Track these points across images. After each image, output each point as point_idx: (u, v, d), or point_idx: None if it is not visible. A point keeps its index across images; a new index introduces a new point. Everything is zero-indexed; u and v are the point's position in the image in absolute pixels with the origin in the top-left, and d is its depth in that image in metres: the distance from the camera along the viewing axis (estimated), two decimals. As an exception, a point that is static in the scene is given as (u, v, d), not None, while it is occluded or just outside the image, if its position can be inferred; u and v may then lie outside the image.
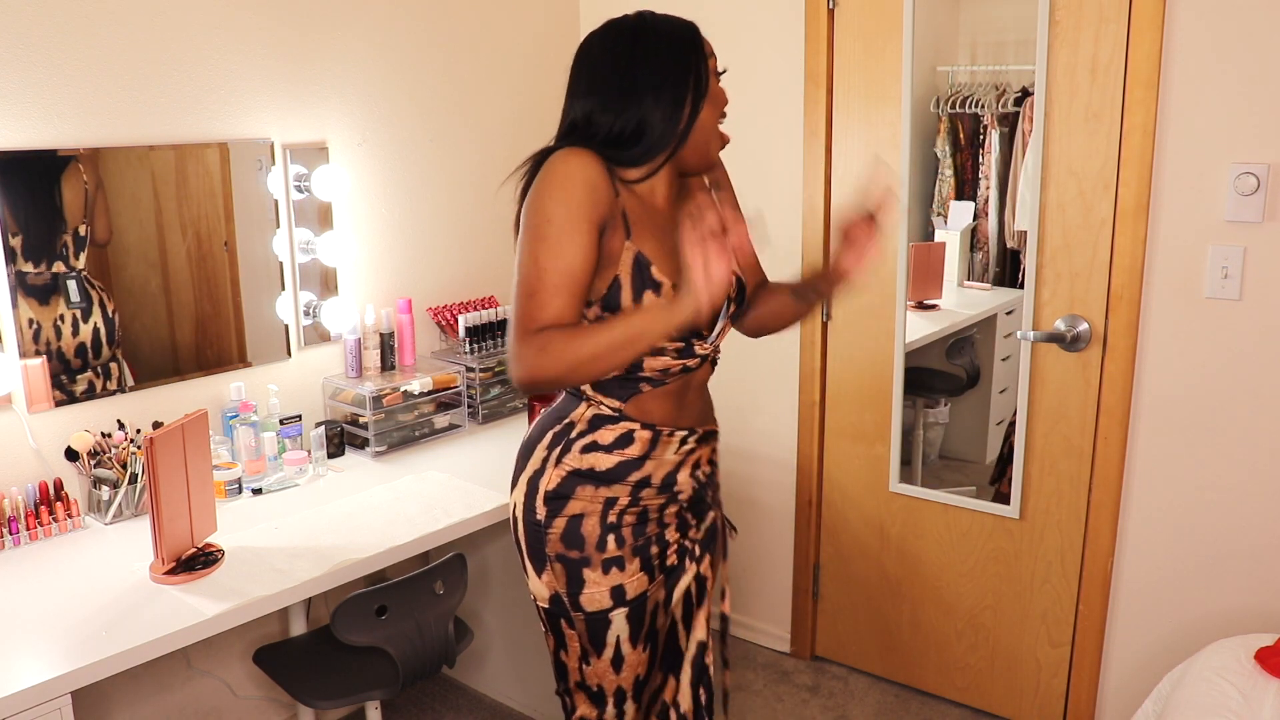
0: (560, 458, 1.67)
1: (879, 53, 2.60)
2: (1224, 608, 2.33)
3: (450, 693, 2.90)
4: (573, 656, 1.75)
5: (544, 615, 1.76)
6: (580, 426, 1.66)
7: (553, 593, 1.71)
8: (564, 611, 1.71)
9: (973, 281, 2.98)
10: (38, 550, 1.99)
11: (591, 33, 1.66)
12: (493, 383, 2.82)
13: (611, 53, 1.60)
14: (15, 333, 2.05)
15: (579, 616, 1.70)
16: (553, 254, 1.50)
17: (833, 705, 2.84)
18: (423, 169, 2.79)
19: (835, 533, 2.95)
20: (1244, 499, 2.27)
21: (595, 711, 1.77)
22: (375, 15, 2.61)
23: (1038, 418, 2.52)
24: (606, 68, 1.60)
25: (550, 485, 1.67)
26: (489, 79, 2.92)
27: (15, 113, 2.00)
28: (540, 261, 1.50)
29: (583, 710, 1.78)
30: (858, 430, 2.83)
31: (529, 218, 1.53)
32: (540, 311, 1.49)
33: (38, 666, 1.58)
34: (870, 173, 1.53)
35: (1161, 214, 2.26)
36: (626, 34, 1.61)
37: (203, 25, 2.27)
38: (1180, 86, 2.19)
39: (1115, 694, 2.53)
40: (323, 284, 2.58)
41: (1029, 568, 2.61)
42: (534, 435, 1.73)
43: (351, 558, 1.97)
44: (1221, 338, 2.24)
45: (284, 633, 2.48)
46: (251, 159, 2.39)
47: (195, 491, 1.90)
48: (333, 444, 2.51)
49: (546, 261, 1.50)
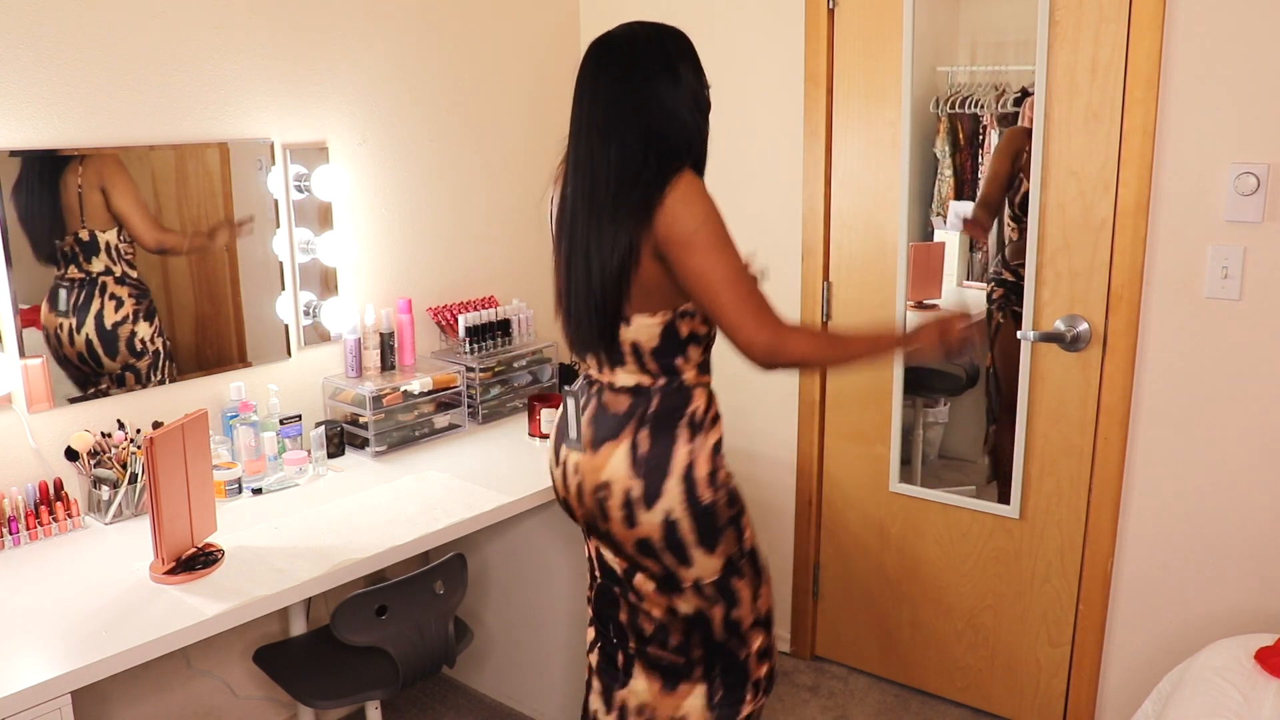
0: (703, 441, 1.81)
1: (879, 53, 2.60)
2: (1224, 608, 2.33)
3: (450, 693, 2.90)
4: (744, 604, 1.90)
5: (714, 588, 1.86)
6: (702, 406, 1.83)
7: (726, 559, 1.85)
8: (735, 568, 1.86)
9: (972, 281, 2.98)
10: (38, 550, 1.99)
11: (613, 48, 1.73)
12: (493, 383, 2.82)
13: (654, 67, 1.71)
14: (15, 333, 2.05)
15: (745, 561, 1.88)
16: (737, 254, 1.68)
17: (833, 705, 2.84)
18: (423, 169, 2.79)
19: (835, 533, 2.95)
20: (1244, 499, 2.27)
21: (766, 638, 1.97)
22: (375, 15, 2.61)
23: (1038, 418, 2.52)
24: (656, 81, 1.70)
25: (706, 469, 1.80)
26: (489, 79, 2.92)
27: (15, 112, 2.00)
28: (739, 259, 1.68)
29: (760, 642, 1.96)
30: (858, 430, 2.83)
31: (707, 223, 1.66)
32: (766, 301, 1.68)
33: (38, 666, 1.58)
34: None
35: (1161, 214, 2.26)
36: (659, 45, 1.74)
37: (203, 25, 2.27)
38: (1180, 86, 2.19)
39: (1115, 694, 2.53)
40: (323, 284, 2.58)
41: (1029, 568, 2.61)
42: (659, 446, 1.78)
43: (351, 558, 1.97)
44: (1221, 338, 2.24)
45: (284, 633, 2.48)
46: (251, 159, 2.39)
47: (195, 491, 1.90)
48: (333, 444, 2.51)
49: (739, 260, 1.68)
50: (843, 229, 2.75)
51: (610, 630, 2.00)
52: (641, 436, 1.78)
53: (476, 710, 2.82)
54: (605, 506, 1.82)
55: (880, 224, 2.68)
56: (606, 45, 1.76)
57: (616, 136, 1.70)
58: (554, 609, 2.60)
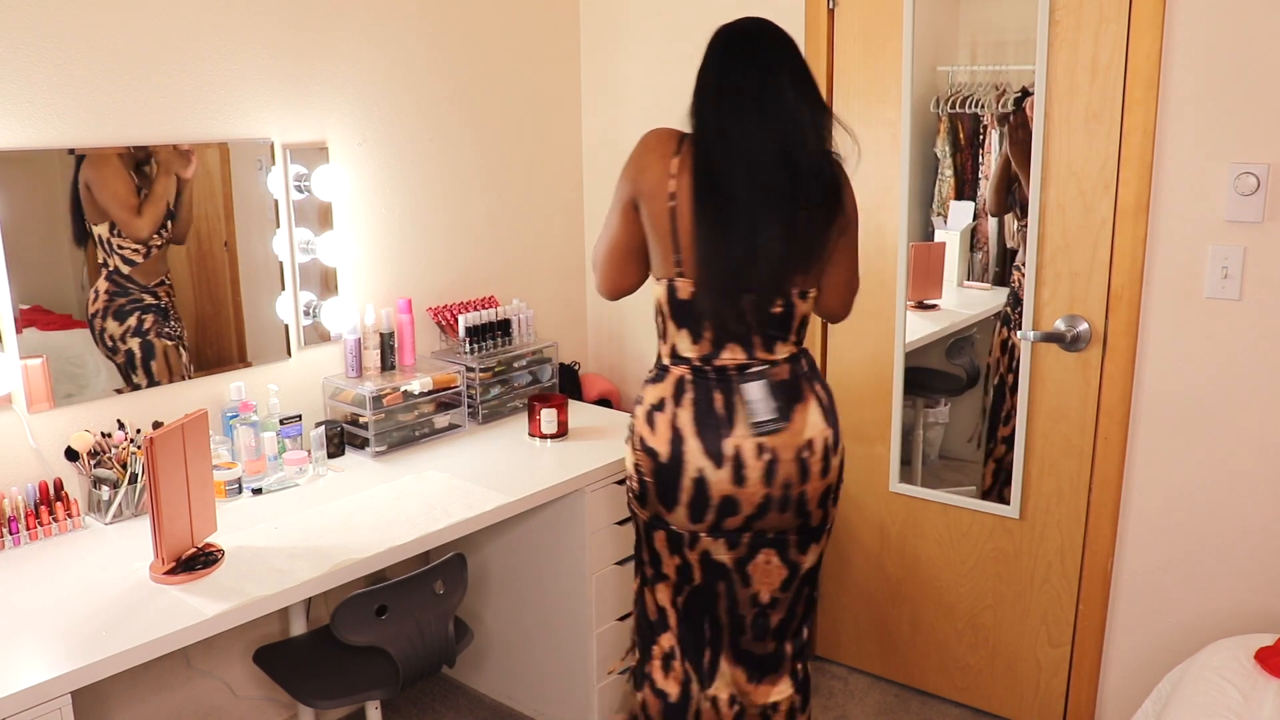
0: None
1: (879, 53, 2.60)
2: (1224, 608, 2.33)
3: (450, 693, 2.90)
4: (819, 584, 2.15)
5: (817, 570, 2.09)
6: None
7: (831, 523, 2.06)
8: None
9: (973, 281, 2.98)
10: (38, 550, 1.99)
11: (785, 38, 1.88)
12: (493, 383, 2.82)
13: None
14: (14, 333, 2.05)
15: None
16: None
17: (833, 705, 2.84)
18: (423, 169, 2.79)
19: (835, 533, 2.95)
20: (1244, 499, 2.27)
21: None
22: (375, 15, 2.61)
23: (1038, 418, 2.52)
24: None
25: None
26: (489, 78, 2.92)
27: (15, 112, 2.00)
28: None
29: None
30: (858, 430, 2.83)
31: (855, 212, 1.96)
32: None
33: (38, 666, 1.58)
34: None
35: (1161, 214, 2.26)
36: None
37: (203, 25, 2.27)
38: (1180, 86, 2.19)
39: (1115, 694, 2.53)
40: (323, 284, 2.58)
41: (1029, 568, 2.61)
42: (830, 395, 1.99)
43: (351, 558, 1.97)
44: (1221, 338, 2.24)
45: (284, 633, 2.48)
46: (251, 159, 2.39)
47: (195, 491, 1.90)
48: (333, 444, 2.51)
49: None
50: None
51: (705, 629, 2.07)
52: (819, 389, 1.96)
53: (476, 710, 2.82)
54: (807, 465, 1.92)
55: (880, 224, 2.68)
56: (781, 33, 1.87)
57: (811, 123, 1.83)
58: (554, 609, 2.60)
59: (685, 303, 1.89)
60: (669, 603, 2.07)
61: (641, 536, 2.08)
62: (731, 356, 1.90)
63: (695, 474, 1.90)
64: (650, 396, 1.97)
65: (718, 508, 1.92)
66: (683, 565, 2.01)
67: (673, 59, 2.92)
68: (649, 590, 2.10)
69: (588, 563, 2.48)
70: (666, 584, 2.06)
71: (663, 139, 1.86)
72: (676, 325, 1.92)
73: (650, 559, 2.07)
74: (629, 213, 1.90)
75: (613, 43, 3.11)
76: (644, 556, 2.09)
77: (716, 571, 2.01)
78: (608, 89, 3.15)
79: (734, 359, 1.90)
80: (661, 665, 2.09)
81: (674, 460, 1.91)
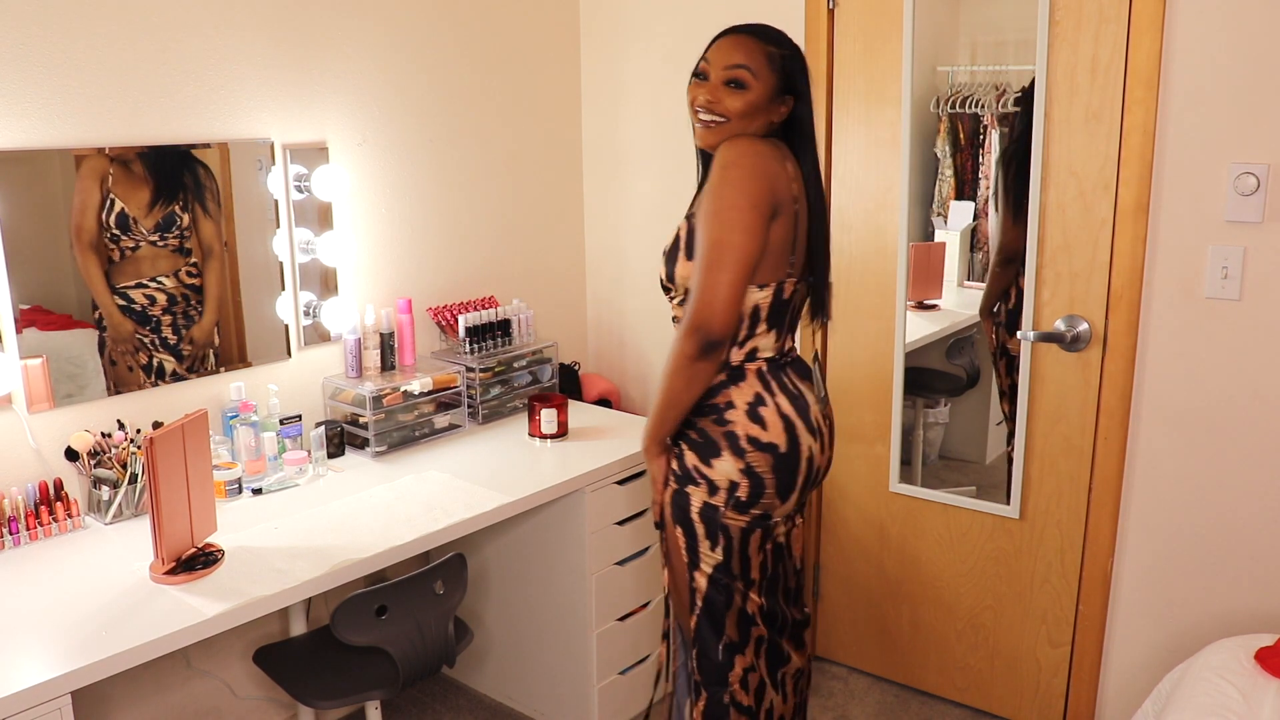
0: None
1: (879, 53, 2.60)
2: (1224, 608, 2.33)
3: (450, 693, 2.90)
4: None
5: None
6: None
7: None
8: None
9: (973, 281, 2.98)
10: (38, 550, 1.99)
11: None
12: (493, 383, 2.82)
13: None
14: (14, 333, 2.05)
15: None
16: None
17: (833, 705, 2.84)
18: (423, 169, 2.79)
19: (835, 533, 2.95)
20: (1244, 499, 2.27)
21: None
22: (375, 15, 2.61)
23: (1038, 418, 2.52)
24: None
25: None
26: (489, 79, 2.92)
27: (15, 112, 2.00)
28: None
29: None
30: (858, 430, 2.83)
31: None
32: None
33: (38, 666, 1.58)
34: None
35: (1161, 214, 2.26)
36: None
37: (203, 25, 2.27)
38: (1180, 86, 2.19)
39: (1115, 694, 2.53)
40: (323, 284, 2.58)
41: (1029, 568, 2.61)
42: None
43: (351, 558, 1.97)
44: (1221, 338, 2.24)
45: (284, 633, 2.48)
46: (251, 159, 2.40)
47: (195, 491, 1.90)
48: (333, 444, 2.51)
49: None
50: (842, 229, 2.75)
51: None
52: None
53: (476, 710, 2.82)
54: (833, 428, 2.06)
55: (880, 224, 2.68)
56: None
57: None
58: (554, 609, 2.60)
59: (786, 301, 1.94)
60: (758, 606, 2.00)
61: (734, 552, 1.94)
62: (789, 345, 2.02)
63: (808, 454, 1.94)
64: (742, 396, 1.91)
65: (814, 480, 1.99)
66: (763, 559, 1.99)
67: (673, 59, 2.92)
68: (731, 614, 1.98)
69: (588, 563, 2.48)
70: (755, 589, 1.99)
71: (775, 147, 1.90)
72: (769, 326, 1.93)
73: (741, 570, 1.96)
74: (764, 223, 1.84)
75: (613, 43, 3.11)
76: (732, 573, 1.96)
77: (778, 553, 2.03)
78: (608, 89, 3.15)
79: (789, 346, 2.02)
80: (741, 686, 2.02)
81: (792, 447, 1.91)
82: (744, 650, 2.01)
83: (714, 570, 1.95)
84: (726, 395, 1.91)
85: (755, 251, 1.81)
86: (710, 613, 1.98)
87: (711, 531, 1.93)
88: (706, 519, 1.93)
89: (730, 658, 2.00)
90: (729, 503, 1.91)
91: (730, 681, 2.01)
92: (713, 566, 1.95)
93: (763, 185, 1.82)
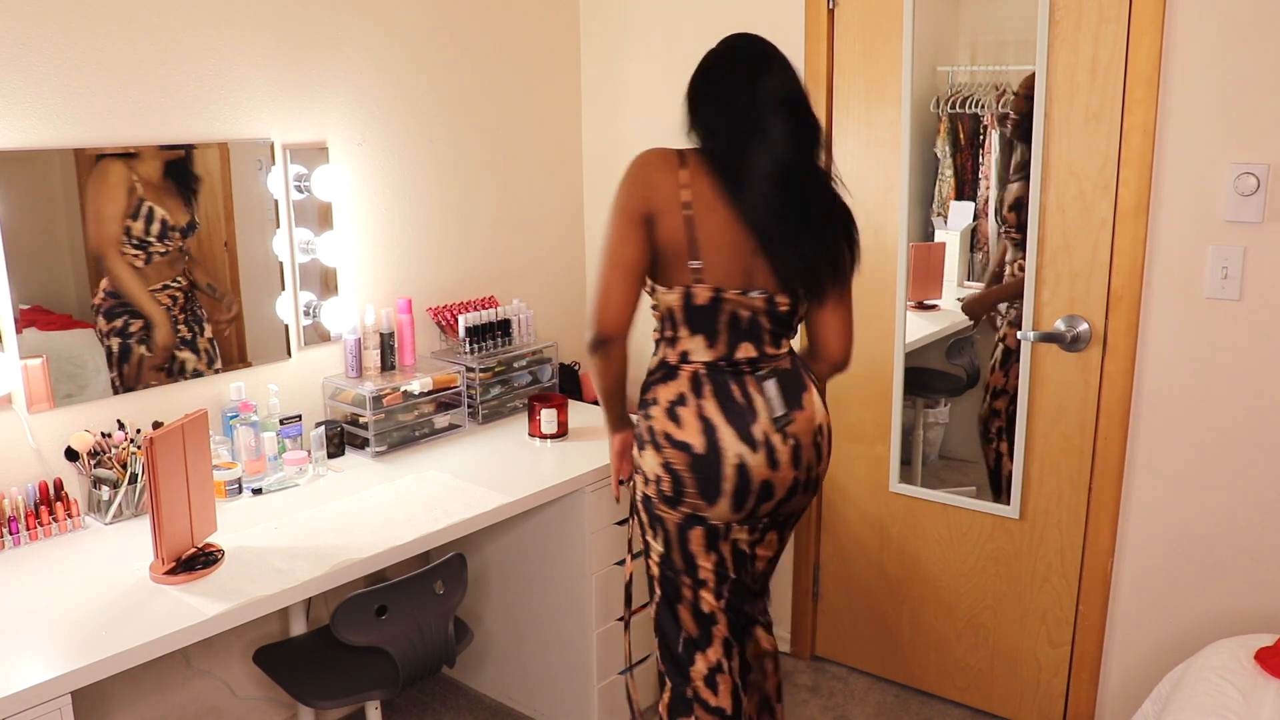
0: None
1: (879, 53, 2.60)
2: (1224, 608, 2.33)
3: (450, 693, 2.90)
4: None
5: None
6: None
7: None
8: None
9: (973, 281, 2.98)
10: (38, 550, 1.99)
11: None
12: (493, 383, 2.82)
13: None
14: (14, 333, 2.05)
15: None
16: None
17: (833, 705, 2.84)
18: (423, 169, 2.79)
19: (835, 533, 2.95)
20: (1244, 499, 2.27)
21: None
22: (375, 15, 2.61)
23: (1038, 418, 2.52)
24: None
25: None
26: (490, 78, 2.92)
27: (15, 112, 2.00)
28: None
29: None
30: (858, 430, 2.83)
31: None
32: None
33: (38, 666, 1.58)
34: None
35: (1161, 214, 2.26)
36: None
37: (203, 25, 2.27)
38: (1180, 86, 2.19)
39: (1115, 694, 2.53)
40: (323, 284, 2.58)
41: (1029, 568, 2.61)
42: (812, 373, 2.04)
43: (351, 558, 1.97)
44: (1221, 338, 2.24)
45: (284, 633, 2.48)
46: (251, 159, 2.39)
47: (195, 491, 1.90)
48: (333, 444, 2.51)
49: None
50: (843, 229, 2.74)
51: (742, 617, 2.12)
52: (812, 377, 2.03)
53: (476, 710, 2.82)
54: (820, 447, 1.99)
55: (880, 224, 2.68)
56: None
57: None
58: (554, 609, 2.60)
59: (705, 308, 1.92)
60: (716, 608, 2.03)
61: (673, 545, 2.00)
62: (744, 354, 1.95)
63: (736, 460, 1.91)
64: (665, 394, 1.96)
65: (758, 493, 1.94)
66: (719, 560, 2.00)
67: (673, 60, 2.92)
68: (684, 607, 2.03)
69: (588, 563, 2.48)
70: (706, 589, 2.02)
71: (669, 157, 1.92)
72: (691, 330, 1.94)
73: (685, 566, 2.00)
74: (635, 229, 1.90)
75: (613, 44, 3.10)
76: (676, 567, 2.01)
77: (740, 559, 2.04)
78: (608, 90, 3.15)
79: (746, 355, 1.95)
80: (706, 684, 2.04)
81: (711, 450, 1.90)
82: (705, 649, 2.04)
83: (660, 560, 2.05)
84: (655, 391, 1.99)
85: (629, 254, 1.90)
86: (666, 602, 2.06)
87: (651, 521, 2.03)
88: (646, 508, 2.03)
89: (690, 653, 2.05)
90: (658, 495, 1.98)
91: (692, 677, 2.04)
92: (659, 556, 2.04)
93: (635, 193, 1.91)
